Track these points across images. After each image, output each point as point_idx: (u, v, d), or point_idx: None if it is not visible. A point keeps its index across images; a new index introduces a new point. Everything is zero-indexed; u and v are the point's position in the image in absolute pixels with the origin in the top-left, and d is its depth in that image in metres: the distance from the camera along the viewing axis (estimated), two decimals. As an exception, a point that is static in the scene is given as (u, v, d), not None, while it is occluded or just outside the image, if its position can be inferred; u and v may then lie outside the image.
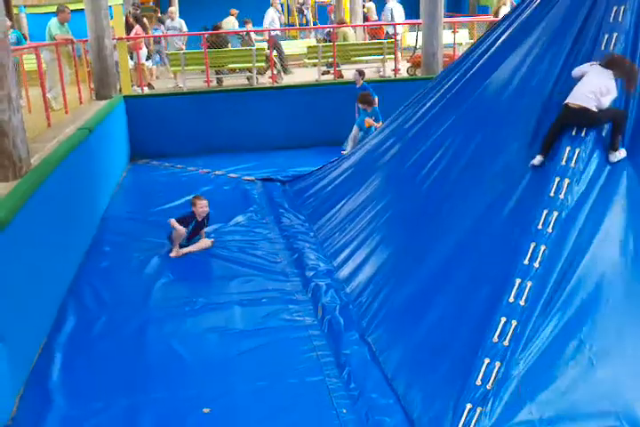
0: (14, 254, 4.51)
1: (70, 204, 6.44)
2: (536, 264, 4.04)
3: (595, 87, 4.46)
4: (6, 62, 5.03)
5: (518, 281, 4.00)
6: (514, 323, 3.86)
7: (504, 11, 13.20)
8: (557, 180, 4.35)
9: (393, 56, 11.90)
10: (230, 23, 15.57)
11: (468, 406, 3.63)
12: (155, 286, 5.93)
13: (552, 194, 4.30)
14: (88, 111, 8.70)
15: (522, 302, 3.93)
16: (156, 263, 6.43)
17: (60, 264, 5.87)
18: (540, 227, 4.18)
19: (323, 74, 12.14)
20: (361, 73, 10.02)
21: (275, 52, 12.19)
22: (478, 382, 3.70)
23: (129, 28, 12.15)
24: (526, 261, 4.07)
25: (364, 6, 18.18)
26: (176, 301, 5.61)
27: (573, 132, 4.53)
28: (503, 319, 3.89)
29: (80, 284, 6.01)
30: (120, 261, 6.59)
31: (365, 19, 17.77)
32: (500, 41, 6.18)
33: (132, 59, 11.41)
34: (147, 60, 12.60)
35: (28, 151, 5.46)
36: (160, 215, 7.87)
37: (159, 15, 17.39)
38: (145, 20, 14.13)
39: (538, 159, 4.55)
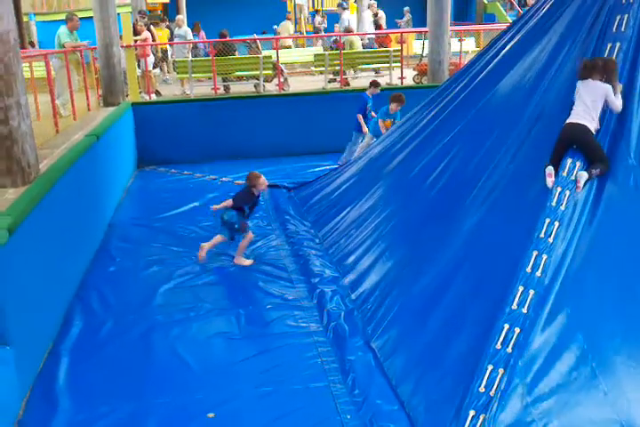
0: (22, 259, 4.55)
1: (78, 209, 6.49)
2: (538, 273, 4.06)
3: (587, 106, 4.51)
4: (16, 70, 5.09)
5: (521, 289, 4.02)
6: (517, 330, 3.87)
7: None
8: (559, 190, 4.37)
9: (399, 64, 11.95)
10: (286, 27, 15.64)
11: (472, 412, 3.64)
12: (160, 292, 5.97)
13: (554, 204, 4.32)
14: (96, 118, 8.77)
15: (524, 310, 3.94)
16: (162, 269, 6.47)
17: (68, 269, 5.91)
18: (541, 236, 4.20)
19: (329, 82, 12.21)
20: (373, 84, 9.87)
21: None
22: (482, 389, 3.71)
23: (137, 35, 12.24)
24: (528, 270, 4.08)
25: (376, 14, 18.25)
26: (181, 306, 5.65)
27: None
28: (506, 326, 3.91)
29: (87, 289, 6.06)
30: (126, 267, 6.63)
31: (377, 26, 17.87)
32: (505, 49, 6.21)
33: (139, 66, 11.49)
34: (154, 67, 12.69)
35: (37, 157, 5.51)
36: (167, 222, 7.94)
37: (167, 23, 17.49)
38: (152, 27, 14.23)
39: (549, 169, 4.53)
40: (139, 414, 4.17)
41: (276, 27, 15.35)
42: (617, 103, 4.60)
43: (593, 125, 4.52)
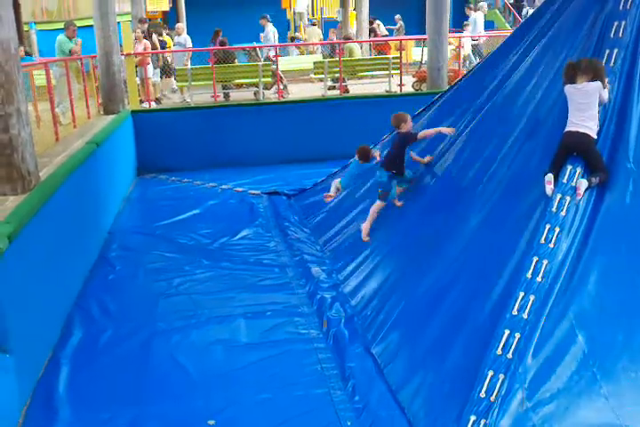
0: (22, 267, 4.55)
1: (78, 217, 6.50)
2: (539, 278, 4.06)
3: (583, 110, 4.52)
4: (16, 78, 5.11)
5: (522, 294, 4.02)
6: (517, 336, 3.87)
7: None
8: (559, 196, 4.38)
9: (398, 71, 11.98)
10: (315, 33, 15.88)
11: (472, 418, 3.64)
12: (161, 299, 5.97)
13: (554, 210, 4.32)
14: (96, 126, 8.79)
15: (525, 316, 3.94)
16: (162, 277, 6.47)
17: (68, 277, 5.91)
18: (542, 241, 4.20)
19: (329, 89, 12.24)
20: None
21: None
22: (482, 395, 3.70)
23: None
24: (529, 275, 4.08)
25: (371, 22, 18.36)
26: (182, 313, 5.64)
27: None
28: (507, 332, 3.90)
29: (87, 297, 6.05)
30: (126, 275, 6.63)
31: (374, 34, 17.97)
32: (511, 56, 6.21)
33: (137, 74, 11.50)
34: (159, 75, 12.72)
35: (37, 165, 5.53)
36: (166, 229, 7.94)
37: (164, 31, 17.54)
38: (154, 35, 14.29)
39: (549, 177, 4.53)
40: (139, 421, 4.16)
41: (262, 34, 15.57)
42: (605, 97, 4.64)
43: (593, 131, 4.53)
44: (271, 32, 14.94)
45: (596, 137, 4.54)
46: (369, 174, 7.00)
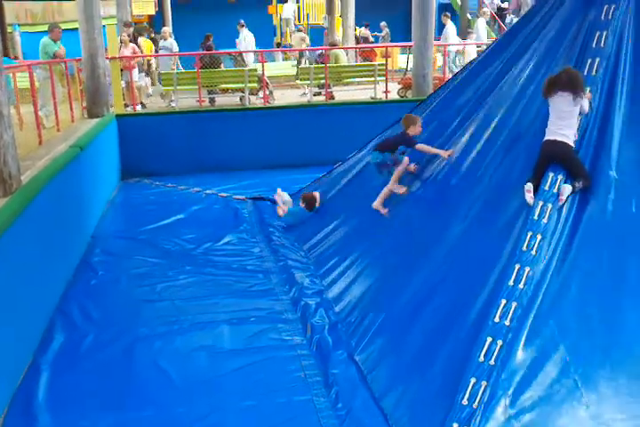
0: (2, 271, 4.50)
1: (60, 221, 6.44)
2: (521, 285, 4.08)
3: (562, 119, 4.57)
4: (-2, 80, 5.07)
5: (504, 302, 4.04)
6: (499, 343, 3.89)
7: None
8: (541, 204, 4.41)
9: (384, 78, 12.03)
10: (302, 39, 16.09)
11: (455, 425, 3.64)
12: (143, 305, 5.93)
13: (536, 217, 4.36)
14: (79, 129, 8.72)
15: (507, 323, 3.96)
16: (146, 282, 6.42)
17: (49, 282, 5.85)
18: (524, 249, 4.23)
19: (315, 95, 12.26)
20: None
21: None
22: (464, 402, 3.71)
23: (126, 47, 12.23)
24: (511, 282, 4.11)
25: (356, 29, 18.50)
26: (164, 319, 5.60)
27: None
28: (489, 339, 3.92)
29: (68, 302, 5.99)
30: (109, 280, 6.58)
31: (361, 41, 18.07)
32: (495, 65, 6.25)
33: (122, 78, 11.45)
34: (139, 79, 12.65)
35: (19, 168, 5.47)
36: (150, 234, 7.89)
37: (152, 35, 17.50)
38: (140, 39, 14.25)
39: (528, 186, 4.56)
40: (120, 428, 4.12)
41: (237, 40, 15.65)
42: (585, 108, 4.71)
43: (570, 140, 4.57)
44: (243, 39, 14.99)
45: (573, 145, 4.58)
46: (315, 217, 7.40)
